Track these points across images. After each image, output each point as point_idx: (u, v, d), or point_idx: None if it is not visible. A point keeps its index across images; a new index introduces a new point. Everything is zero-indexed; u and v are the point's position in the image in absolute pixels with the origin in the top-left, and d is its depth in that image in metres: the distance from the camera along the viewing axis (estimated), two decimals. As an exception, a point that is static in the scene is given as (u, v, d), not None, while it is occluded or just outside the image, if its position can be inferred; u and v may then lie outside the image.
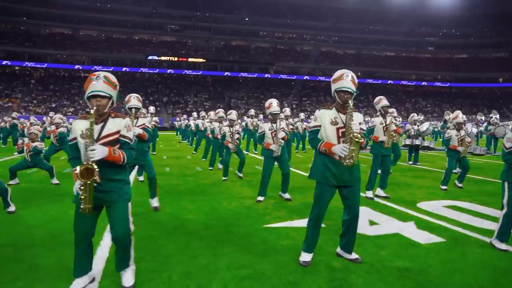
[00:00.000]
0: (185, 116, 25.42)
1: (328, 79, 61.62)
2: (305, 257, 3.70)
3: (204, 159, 12.28)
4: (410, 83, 65.69)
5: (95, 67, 53.07)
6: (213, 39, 62.39)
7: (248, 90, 58.60)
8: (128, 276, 3.16)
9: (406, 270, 3.56)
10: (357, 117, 3.53)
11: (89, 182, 2.76)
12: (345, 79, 3.52)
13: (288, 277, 3.39)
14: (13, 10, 51.14)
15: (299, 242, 4.31)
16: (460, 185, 8.03)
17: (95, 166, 2.78)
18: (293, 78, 62.05)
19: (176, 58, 56.72)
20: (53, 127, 10.14)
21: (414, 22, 67.34)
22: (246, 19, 63.21)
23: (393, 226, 4.94)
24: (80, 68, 53.54)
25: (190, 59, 57.37)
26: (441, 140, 21.41)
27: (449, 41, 68.14)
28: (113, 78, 2.99)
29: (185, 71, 57.09)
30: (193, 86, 57.22)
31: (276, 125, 6.45)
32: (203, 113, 16.89)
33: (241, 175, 8.97)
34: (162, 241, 4.32)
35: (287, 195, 6.60)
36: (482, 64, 65.30)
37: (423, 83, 65.57)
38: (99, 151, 2.81)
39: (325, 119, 3.59)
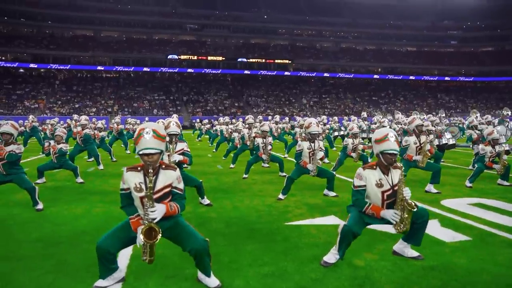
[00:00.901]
0: (206, 121, 25.19)
1: (347, 76, 61.17)
2: (331, 258, 3.60)
3: (224, 158, 12.35)
4: (432, 78, 64.16)
5: (116, 67, 54.07)
6: (232, 38, 62.56)
7: (267, 88, 58.55)
8: (210, 279, 3.18)
9: (430, 268, 3.51)
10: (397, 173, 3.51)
11: (152, 242, 2.88)
12: (390, 140, 3.44)
13: (310, 274, 3.39)
14: (39, 15, 52.85)
15: (320, 239, 4.31)
16: (507, 183, 7.74)
17: (158, 228, 2.87)
18: (312, 75, 61.62)
19: (195, 57, 57.17)
20: (79, 129, 10.39)
21: (436, 15, 65.82)
22: (265, 17, 63.12)
23: (417, 224, 4.86)
24: (102, 69, 54.58)
25: (209, 58, 57.69)
26: (465, 136, 20.87)
27: (473, 34, 66.15)
28: (161, 131, 3.00)
29: (205, 69, 57.49)
30: (212, 84, 57.56)
31: (315, 145, 6.45)
32: (227, 119, 17.22)
33: (284, 174, 8.90)
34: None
35: (332, 193, 6.68)
36: (509, 56, 62.99)
37: (445, 78, 63.95)
38: (159, 211, 2.91)
39: (370, 180, 3.50)
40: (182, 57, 56.49)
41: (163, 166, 3.08)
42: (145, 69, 55.35)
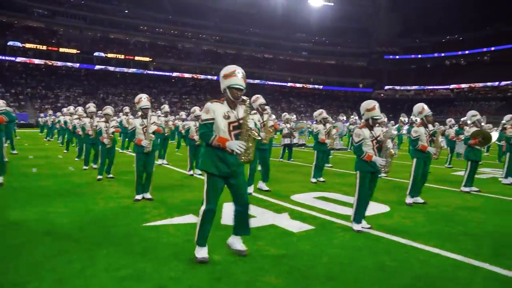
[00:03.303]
0: (51, 112, 22.53)
1: (208, 78, 62.52)
2: (202, 252, 3.67)
3: (77, 159, 11.41)
4: (286, 84, 70.09)
5: None
6: (88, 30, 58.14)
7: (126, 86, 55.91)
8: None
9: (281, 257, 3.85)
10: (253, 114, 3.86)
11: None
12: (237, 76, 3.58)
13: (169, 273, 3.39)
14: None
15: (179, 238, 4.34)
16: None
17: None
18: (173, 75, 61.15)
19: (44, 47, 51.39)
20: None
21: (290, 28, 72.08)
22: (126, 11, 60.30)
23: (269, 218, 5.27)
24: None
25: (61, 49, 52.52)
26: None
27: (320, 47, 74.80)
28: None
29: (56, 62, 52.01)
30: (65, 79, 52.36)
31: (147, 120, 6.16)
32: (71, 109, 15.45)
33: (110, 175, 8.53)
34: (28, 249, 3.92)
35: (148, 195, 6.37)
36: (346, 70, 73.57)
37: (297, 85, 70.60)
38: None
39: (218, 112, 3.59)
40: (28, 45, 50.17)
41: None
42: (-24, 55, 47.46)
